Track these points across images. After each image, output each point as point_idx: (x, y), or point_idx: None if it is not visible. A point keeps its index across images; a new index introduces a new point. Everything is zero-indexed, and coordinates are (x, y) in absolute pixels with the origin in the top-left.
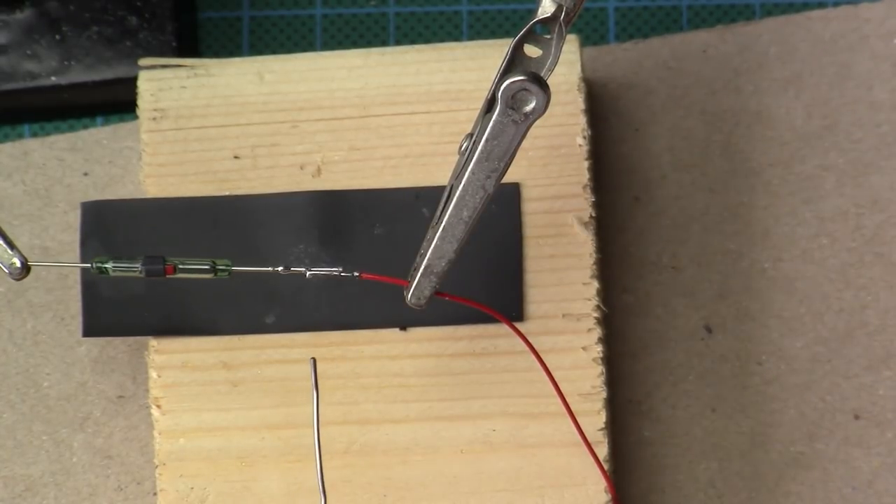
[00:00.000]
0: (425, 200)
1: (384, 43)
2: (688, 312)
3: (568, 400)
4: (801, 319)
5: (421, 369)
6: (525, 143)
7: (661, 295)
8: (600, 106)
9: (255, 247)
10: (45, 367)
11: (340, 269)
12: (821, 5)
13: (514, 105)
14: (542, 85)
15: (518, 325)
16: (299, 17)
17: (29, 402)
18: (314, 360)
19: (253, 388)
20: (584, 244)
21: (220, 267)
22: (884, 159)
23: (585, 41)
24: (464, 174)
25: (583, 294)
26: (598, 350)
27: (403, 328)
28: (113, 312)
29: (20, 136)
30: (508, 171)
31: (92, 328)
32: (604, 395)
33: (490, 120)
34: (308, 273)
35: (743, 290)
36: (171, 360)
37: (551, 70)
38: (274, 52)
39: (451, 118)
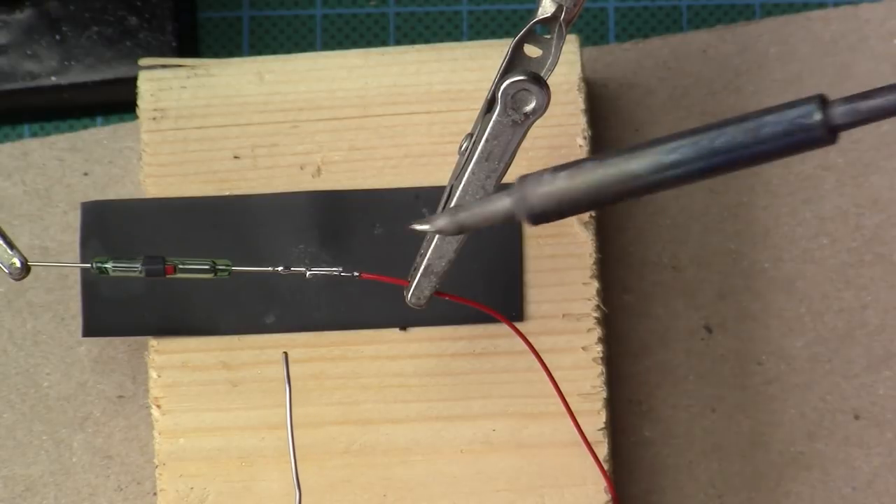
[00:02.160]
0: (425, 200)
1: (384, 43)
2: (688, 312)
3: (568, 400)
4: (801, 319)
5: (421, 369)
6: (525, 143)
7: (661, 295)
8: (600, 106)
9: (255, 247)
10: (45, 367)
11: (340, 269)
12: (821, 5)
13: (514, 105)
14: (542, 85)
15: (518, 325)
16: (299, 17)
17: (29, 402)
18: (286, 354)
19: (253, 388)
20: (584, 244)
21: (220, 267)
22: (884, 159)
23: (585, 41)
24: (464, 174)
25: (583, 294)
26: (598, 350)
27: (403, 328)
28: (113, 312)
29: (20, 136)
30: (508, 171)
31: (92, 328)
32: (604, 395)
33: (490, 120)
34: (308, 273)
35: (743, 290)
36: (171, 360)
37: (551, 70)
38: (274, 52)
39: (451, 118)
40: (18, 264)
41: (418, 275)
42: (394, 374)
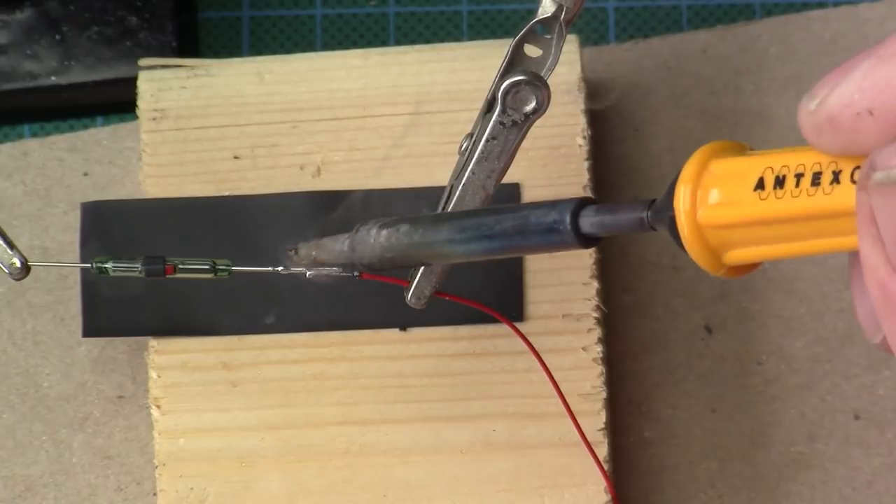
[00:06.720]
0: (425, 200)
1: (384, 43)
2: (688, 312)
3: (568, 400)
4: (801, 319)
5: (421, 370)
6: (525, 143)
7: (661, 295)
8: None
9: (255, 247)
10: (45, 367)
11: (340, 269)
12: (821, 5)
13: (514, 105)
14: (543, 85)
15: (518, 325)
16: (299, 17)
17: (29, 402)
18: None
19: (253, 388)
20: None
21: (220, 267)
22: None
23: (585, 41)
24: (464, 174)
25: (583, 294)
26: (598, 350)
27: (403, 328)
28: (113, 312)
29: (20, 136)
30: (508, 171)
31: (92, 328)
32: (604, 395)
33: (490, 120)
34: (308, 273)
35: (743, 290)
36: (171, 360)
37: (551, 70)
38: (274, 52)
39: (451, 118)
40: (18, 264)
41: (418, 275)
42: (394, 374)
